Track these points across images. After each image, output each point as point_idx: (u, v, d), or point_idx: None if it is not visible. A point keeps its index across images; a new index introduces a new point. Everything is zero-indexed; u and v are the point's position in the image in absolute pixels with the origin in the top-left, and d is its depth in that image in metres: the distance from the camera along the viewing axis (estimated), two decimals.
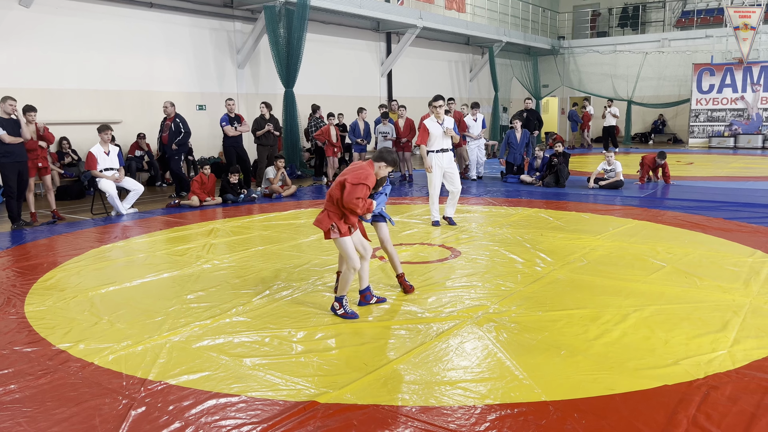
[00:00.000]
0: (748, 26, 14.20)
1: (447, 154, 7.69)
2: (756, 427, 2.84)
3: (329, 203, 4.46)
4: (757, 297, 4.74)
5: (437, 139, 7.59)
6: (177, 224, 8.51)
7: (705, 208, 8.77)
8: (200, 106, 14.34)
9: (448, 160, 7.71)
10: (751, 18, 14.19)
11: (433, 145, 7.63)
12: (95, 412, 3.12)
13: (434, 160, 7.68)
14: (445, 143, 7.64)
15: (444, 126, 7.57)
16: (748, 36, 14.35)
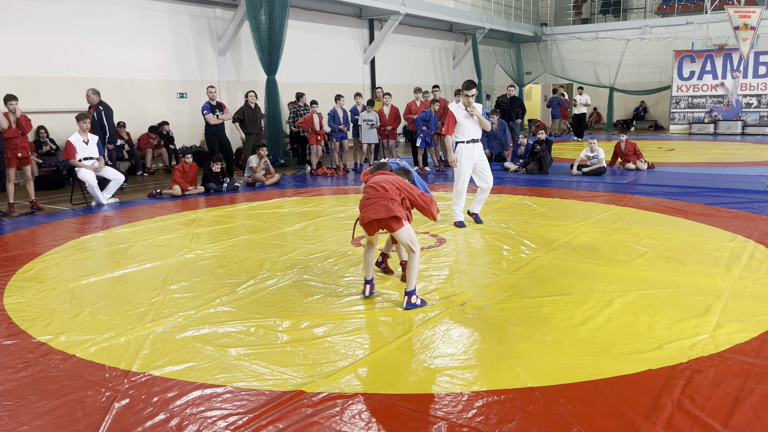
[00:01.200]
0: (748, 26, 14.24)
1: (478, 144, 7.03)
2: (739, 410, 2.87)
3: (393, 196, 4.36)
4: (738, 281, 4.79)
5: (467, 128, 6.92)
6: (159, 214, 8.41)
7: (686, 193, 8.86)
8: (181, 94, 14.16)
9: (480, 152, 7.06)
10: (751, 18, 14.22)
11: (463, 134, 6.94)
12: (78, 404, 3.08)
13: (464, 151, 6.97)
14: (476, 132, 6.97)
15: (472, 113, 6.88)
16: (748, 36, 14.39)
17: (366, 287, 4.67)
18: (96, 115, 10.14)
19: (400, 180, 4.51)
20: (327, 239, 6.64)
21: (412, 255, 4.38)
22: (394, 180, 4.48)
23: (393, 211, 4.28)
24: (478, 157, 7.03)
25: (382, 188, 4.39)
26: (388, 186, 4.41)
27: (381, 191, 4.38)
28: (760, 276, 4.92)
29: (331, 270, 5.43)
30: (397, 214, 4.29)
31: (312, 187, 10.76)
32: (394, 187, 4.41)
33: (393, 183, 4.44)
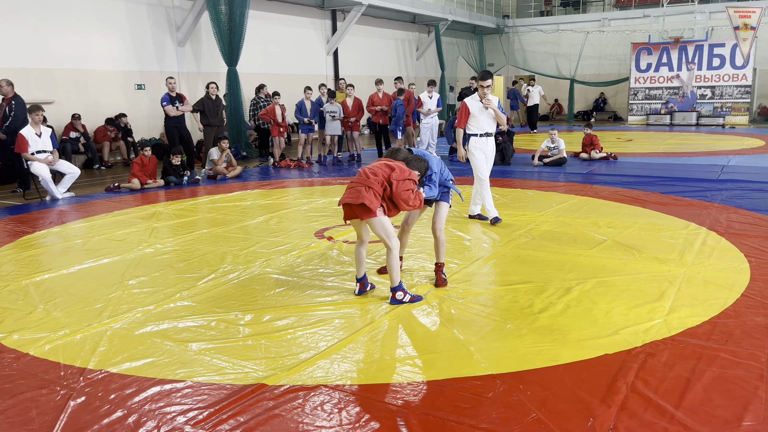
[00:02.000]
0: (748, 26, 14.50)
1: (491, 139, 6.75)
2: (691, 392, 2.97)
3: (371, 183, 4.14)
4: (691, 267, 4.94)
5: (481, 121, 6.62)
6: (117, 208, 8.22)
7: (643, 183, 9.07)
8: (139, 86, 13.84)
9: (492, 147, 6.81)
10: (751, 18, 14.48)
11: (477, 127, 6.65)
12: (32, 404, 3.00)
13: (478, 144, 6.69)
14: (490, 126, 6.67)
15: (486, 106, 6.56)
16: (748, 36, 14.65)
17: (356, 286, 4.51)
18: (8, 109, 9.48)
19: (398, 169, 4.21)
20: (290, 232, 6.59)
21: (389, 251, 4.23)
22: (390, 167, 4.22)
23: (360, 197, 4.07)
24: (490, 152, 6.78)
25: (365, 174, 4.19)
26: (378, 172, 4.19)
27: (364, 177, 4.18)
28: (711, 262, 5.08)
29: (294, 263, 5.40)
30: (365, 202, 4.06)
31: (275, 180, 10.66)
32: (381, 176, 4.17)
33: (384, 170, 4.20)
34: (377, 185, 4.13)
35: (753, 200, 7.57)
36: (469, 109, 6.65)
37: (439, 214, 4.69)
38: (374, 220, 4.17)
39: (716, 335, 3.62)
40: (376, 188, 4.13)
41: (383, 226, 4.19)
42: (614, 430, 2.66)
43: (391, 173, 4.17)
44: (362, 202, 4.09)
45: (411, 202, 4.17)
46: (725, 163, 11.02)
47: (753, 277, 4.64)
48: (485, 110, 6.58)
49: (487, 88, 6.47)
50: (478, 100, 6.58)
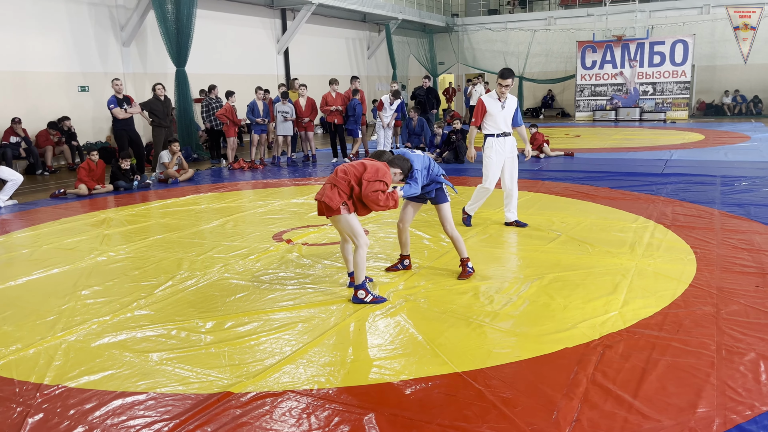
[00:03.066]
0: (748, 26, 14.89)
1: (509, 139, 6.38)
2: (647, 381, 3.09)
3: (338, 181, 4.18)
4: (641, 260, 5.12)
5: (497, 121, 6.29)
6: (64, 215, 7.95)
7: (592, 178, 9.34)
8: (82, 87, 13.40)
9: (512, 147, 6.41)
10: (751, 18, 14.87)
11: (494, 127, 6.31)
12: None
13: (494, 146, 6.36)
14: (507, 126, 6.34)
15: (505, 105, 6.27)
16: (748, 36, 15.04)
17: (348, 279, 4.64)
18: None
19: (371, 169, 4.17)
20: (247, 236, 6.52)
21: (356, 249, 4.29)
22: (364, 166, 4.20)
23: (324, 194, 4.18)
24: (510, 152, 6.41)
25: (336, 172, 4.25)
26: (349, 171, 4.22)
27: (334, 175, 4.25)
28: (660, 254, 5.28)
29: (253, 267, 5.34)
30: (325, 200, 4.15)
31: (228, 182, 10.50)
32: (351, 174, 4.19)
33: (357, 170, 4.21)
34: (343, 183, 4.19)
35: (695, 193, 7.89)
36: (486, 108, 6.30)
37: (444, 215, 4.85)
38: (338, 217, 4.24)
39: (668, 325, 3.77)
40: (341, 186, 4.19)
41: (348, 224, 4.25)
42: (577, 422, 2.75)
43: (363, 172, 4.18)
44: (323, 199, 4.17)
45: (381, 202, 4.15)
46: (668, 158, 11.46)
47: (699, 268, 4.85)
48: (503, 110, 6.28)
49: (506, 87, 6.18)
50: (497, 99, 6.27)
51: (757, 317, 3.84)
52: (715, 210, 6.86)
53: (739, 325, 3.73)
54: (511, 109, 6.34)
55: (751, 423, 2.70)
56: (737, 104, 22.36)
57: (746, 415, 2.76)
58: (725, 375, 3.12)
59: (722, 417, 2.74)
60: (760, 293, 4.24)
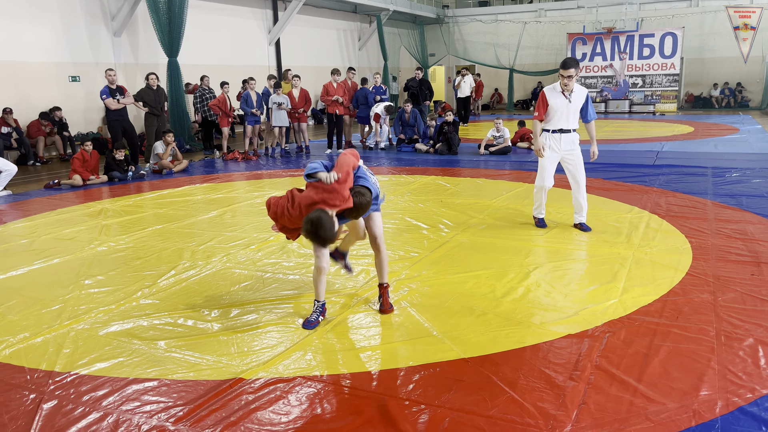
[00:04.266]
0: (748, 26, 14.93)
1: (568, 135, 5.86)
2: (650, 366, 3.17)
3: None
4: (638, 249, 5.21)
5: (557, 116, 5.80)
6: (60, 206, 7.91)
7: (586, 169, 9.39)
8: (73, 78, 13.28)
9: (569, 144, 5.90)
10: (751, 18, 14.89)
11: (550, 122, 5.86)
12: (2, 409, 2.90)
13: (548, 141, 5.91)
14: (568, 122, 5.82)
15: (571, 99, 5.73)
16: (748, 36, 15.07)
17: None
18: None
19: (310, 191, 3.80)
20: (246, 226, 6.53)
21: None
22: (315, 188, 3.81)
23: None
24: (567, 149, 5.91)
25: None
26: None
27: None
28: (656, 243, 5.37)
29: (254, 257, 5.37)
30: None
31: (223, 173, 10.49)
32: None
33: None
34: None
35: (688, 184, 8.00)
36: (548, 101, 5.82)
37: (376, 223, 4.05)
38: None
39: (667, 312, 3.85)
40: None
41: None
42: (584, 404, 2.82)
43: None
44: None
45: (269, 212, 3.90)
46: (659, 149, 11.58)
47: (695, 256, 4.94)
48: (568, 104, 5.74)
49: (568, 79, 5.63)
50: (560, 92, 5.77)
51: (753, 304, 3.93)
52: (707, 200, 6.97)
53: (736, 312, 3.82)
54: (578, 103, 5.79)
55: (752, 405, 2.78)
56: (725, 97, 22.58)
57: (747, 398, 2.84)
58: (725, 360, 3.21)
59: (724, 400, 2.82)
60: (756, 281, 4.34)
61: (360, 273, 4.83)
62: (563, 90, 5.75)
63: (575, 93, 5.76)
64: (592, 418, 2.70)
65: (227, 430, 2.69)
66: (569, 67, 5.62)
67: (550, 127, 5.90)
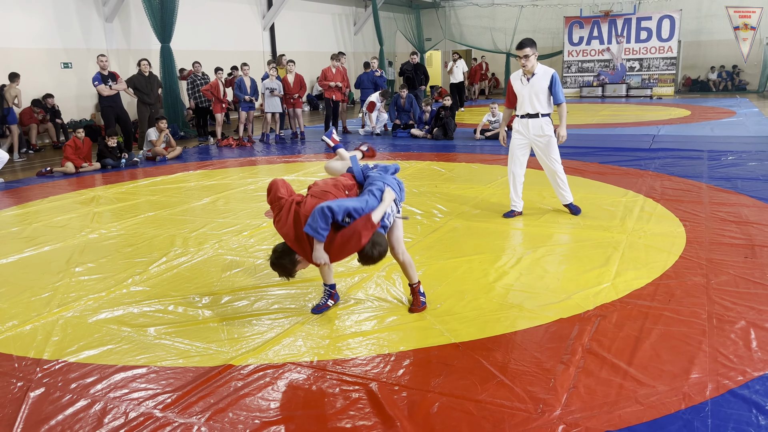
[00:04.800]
0: (748, 26, 14.79)
1: (535, 120, 5.66)
2: (640, 349, 3.15)
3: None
4: (632, 233, 5.19)
5: (520, 100, 5.71)
6: (52, 193, 7.86)
7: (581, 153, 9.39)
8: (65, 64, 13.15)
9: (536, 129, 5.68)
10: (751, 18, 14.76)
11: (518, 107, 5.79)
12: None
13: (515, 125, 5.84)
14: (533, 106, 5.62)
15: (531, 81, 5.56)
16: (748, 36, 14.94)
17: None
18: None
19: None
20: (239, 212, 6.50)
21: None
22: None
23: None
24: (535, 134, 5.71)
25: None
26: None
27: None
28: (650, 227, 5.34)
29: (246, 243, 5.34)
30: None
31: (217, 160, 10.42)
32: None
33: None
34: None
35: (683, 167, 7.97)
36: (512, 86, 5.79)
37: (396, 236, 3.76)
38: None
39: (660, 296, 3.84)
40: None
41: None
42: (574, 388, 2.81)
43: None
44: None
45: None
46: (655, 133, 11.53)
47: (689, 240, 4.92)
48: (529, 87, 5.59)
49: (525, 59, 5.45)
50: (519, 77, 5.68)
51: (746, 287, 3.92)
52: (702, 184, 6.94)
53: (729, 294, 3.81)
54: (540, 85, 5.55)
55: (743, 388, 2.77)
56: (723, 80, 22.48)
57: (738, 380, 2.83)
58: (717, 343, 3.19)
59: (715, 382, 2.81)
60: (749, 264, 4.33)
61: (353, 258, 4.79)
62: (523, 73, 5.63)
63: (537, 75, 5.56)
64: (581, 402, 2.69)
65: (216, 416, 2.68)
66: (524, 47, 5.45)
67: (518, 112, 5.81)
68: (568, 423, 2.54)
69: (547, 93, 5.61)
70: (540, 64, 5.63)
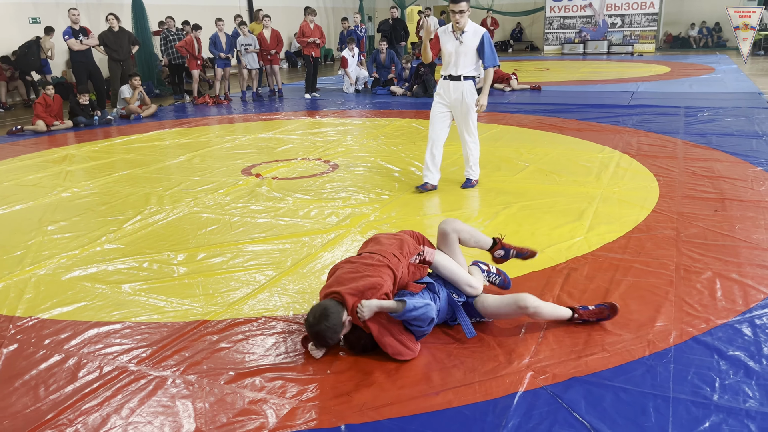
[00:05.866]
0: (748, 26, 14.57)
1: (457, 83, 5.13)
2: (609, 299, 3.21)
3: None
4: (606, 188, 5.24)
5: (446, 59, 5.14)
6: (23, 152, 7.70)
7: (561, 111, 9.39)
8: (33, 19, 12.72)
9: (457, 92, 5.16)
10: (751, 18, 14.53)
11: (443, 67, 5.24)
12: None
13: (439, 87, 5.32)
14: (457, 67, 5.09)
15: (461, 39, 5.00)
16: (748, 36, 14.73)
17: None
18: None
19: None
20: (215, 170, 6.43)
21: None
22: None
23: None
24: (455, 98, 5.19)
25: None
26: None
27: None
28: (625, 182, 5.40)
29: (222, 201, 5.30)
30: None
31: (193, 118, 10.25)
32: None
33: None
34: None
35: (660, 124, 8.02)
36: (441, 43, 5.15)
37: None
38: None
39: (630, 248, 3.91)
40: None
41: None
42: (543, 338, 2.87)
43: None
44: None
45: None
46: (635, 90, 11.54)
47: (661, 194, 4.99)
48: (458, 45, 5.03)
49: (459, 15, 4.90)
50: (452, 31, 5.07)
51: (714, 239, 4.00)
52: (678, 140, 7.00)
53: (697, 246, 3.88)
54: (471, 45, 5.03)
55: (706, 335, 2.85)
56: (703, 37, 22.44)
57: (702, 328, 2.92)
58: (683, 293, 3.27)
59: (679, 330, 2.89)
60: (718, 217, 4.41)
61: (330, 215, 4.80)
62: (453, 29, 5.03)
63: (468, 33, 5.00)
64: (550, 350, 2.76)
65: (191, 369, 2.70)
66: (459, 1, 4.83)
67: (442, 73, 5.24)
68: (536, 370, 2.60)
69: (474, 54, 5.09)
70: (470, 21, 5.10)
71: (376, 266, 2.82)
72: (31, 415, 2.42)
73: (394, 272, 2.83)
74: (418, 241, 3.11)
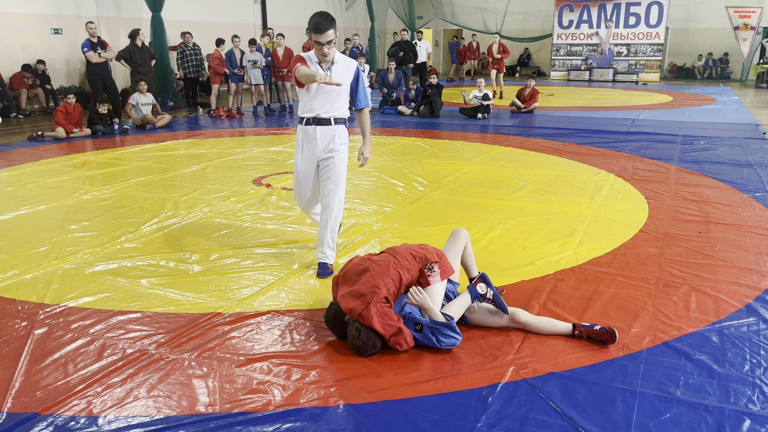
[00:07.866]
0: (748, 26, 14.95)
1: (328, 129, 3.99)
2: (591, 308, 3.48)
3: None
4: (599, 208, 5.52)
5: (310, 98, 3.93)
6: (44, 157, 8.04)
7: (561, 135, 9.69)
8: (56, 30, 13.17)
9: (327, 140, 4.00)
10: (751, 18, 14.91)
11: (303, 108, 4.01)
12: None
13: (298, 135, 4.11)
14: (324, 108, 3.93)
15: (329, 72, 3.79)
16: (748, 36, 15.10)
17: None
18: None
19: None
20: (227, 180, 6.74)
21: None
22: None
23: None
24: (324, 149, 4.01)
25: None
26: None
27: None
28: (617, 204, 5.67)
29: (234, 208, 5.60)
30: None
31: (206, 130, 10.61)
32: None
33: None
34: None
35: (657, 150, 8.31)
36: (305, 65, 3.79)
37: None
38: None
39: (616, 263, 4.17)
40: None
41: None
42: (527, 339, 3.13)
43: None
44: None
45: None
46: (635, 117, 11.86)
47: (650, 215, 5.26)
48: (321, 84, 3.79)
49: (327, 46, 3.74)
50: (317, 63, 3.86)
51: (695, 258, 4.26)
52: (672, 166, 7.28)
53: (678, 263, 4.15)
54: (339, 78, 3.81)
55: (676, 341, 3.11)
56: (708, 68, 22.82)
57: (673, 334, 3.17)
58: (660, 303, 3.53)
59: (652, 336, 3.15)
60: (702, 238, 4.67)
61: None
62: (320, 62, 3.85)
63: (339, 64, 3.89)
64: (532, 349, 3.02)
65: (204, 353, 2.98)
66: (325, 30, 3.69)
67: (302, 115, 4.01)
68: (518, 365, 2.87)
69: (347, 91, 4.01)
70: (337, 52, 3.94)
71: (382, 268, 3.11)
72: (61, 387, 2.69)
73: (401, 275, 3.14)
74: (440, 258, 3.30)
